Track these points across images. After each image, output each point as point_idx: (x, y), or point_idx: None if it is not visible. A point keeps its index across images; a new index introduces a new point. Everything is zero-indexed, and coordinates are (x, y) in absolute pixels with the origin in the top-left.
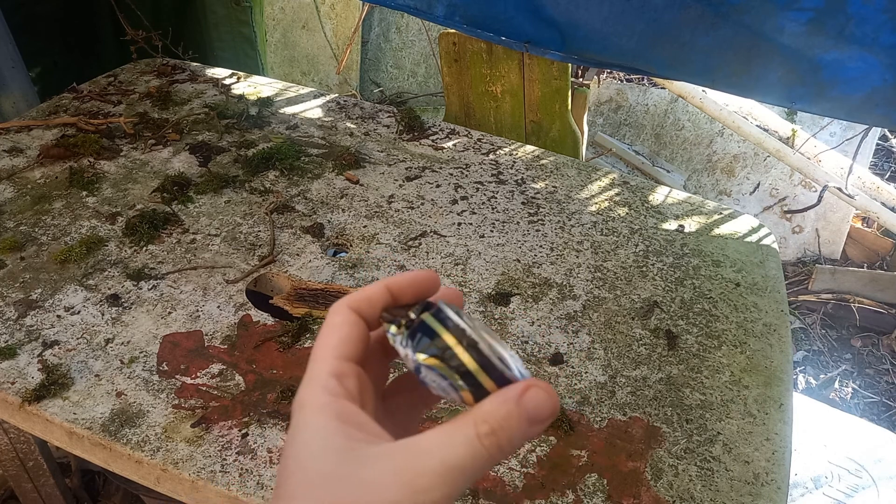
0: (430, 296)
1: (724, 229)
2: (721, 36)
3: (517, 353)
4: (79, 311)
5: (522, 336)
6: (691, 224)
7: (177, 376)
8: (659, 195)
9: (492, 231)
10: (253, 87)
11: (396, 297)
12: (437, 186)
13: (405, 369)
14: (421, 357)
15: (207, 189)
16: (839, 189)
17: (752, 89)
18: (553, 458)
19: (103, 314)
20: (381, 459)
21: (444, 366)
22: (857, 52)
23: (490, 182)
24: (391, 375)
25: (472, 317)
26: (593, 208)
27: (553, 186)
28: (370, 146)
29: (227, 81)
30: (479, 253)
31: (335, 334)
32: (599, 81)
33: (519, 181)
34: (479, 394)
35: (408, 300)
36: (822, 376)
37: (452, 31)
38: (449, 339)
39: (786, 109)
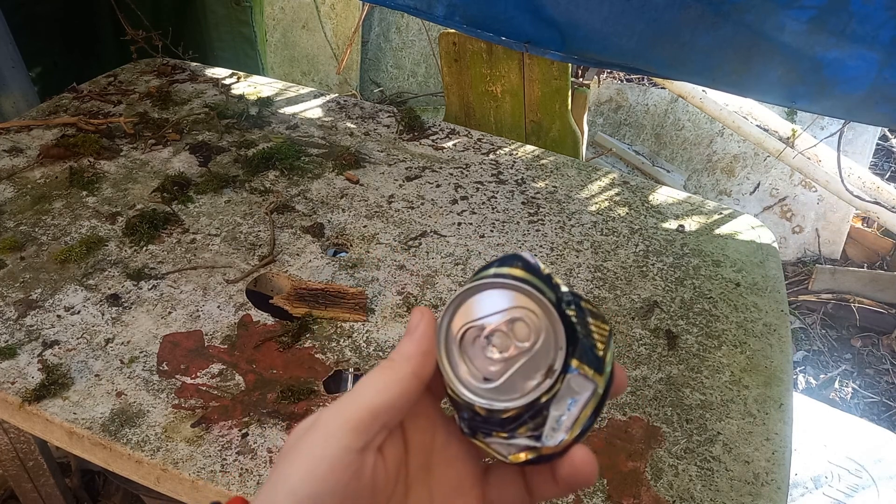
0: None
1: (724, 229)
2: (721, 35)
3: None
4: (79, 311)
5: None
6: (691, 224)
7: (177, 376)
8: (659, 195)
9: (492, 231)
10: (253, 87)
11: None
12: (437, 186)
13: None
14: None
15: (207, 189)
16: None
17: (752, 88)
18: None
19: (103, 314)
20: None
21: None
22: (859, 50)
23: (490, 182)
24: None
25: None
26: (593, 208)
27: (553, 186)
28: (370, 146)
29: (227, 81)
30: (480, 253)
31: (383, 393)
32: (599, 81)
33: (519, 181)
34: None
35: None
36: (822, 376)
37: (452, 30)
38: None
39: (786, 109)
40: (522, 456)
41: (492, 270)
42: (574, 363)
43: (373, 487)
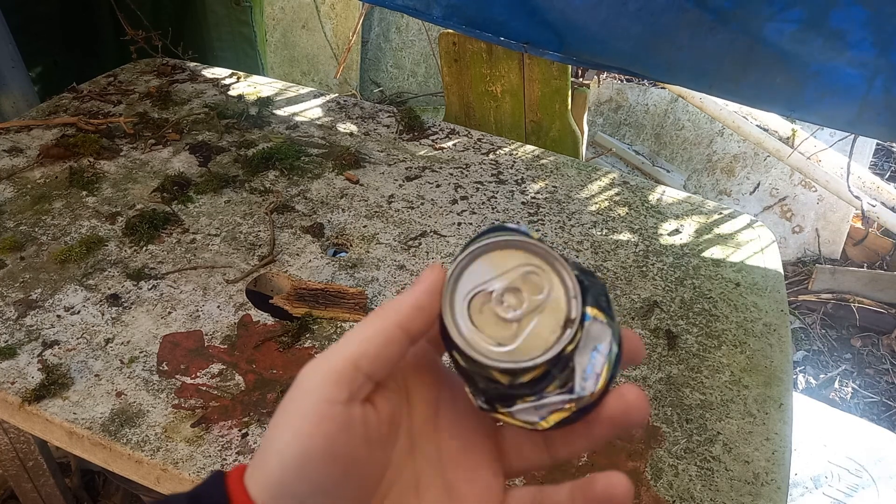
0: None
1: (724, 229)
2: (719, 41)
3: None
4: (79, 311)
5: None
6: (691, 224)
7: (177, 376)
8: (659, 195)
9: None
10: (253, 86)
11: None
12: (437, 186)
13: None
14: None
15: (207, 189)
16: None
17: (750, 97)
18: None
19: (103, 314)
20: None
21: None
22: (845, 63)
23: (490, 182)
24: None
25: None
26: (593, 208)
27: (553, 186)
28: (370, 146)
29: (227, 81)
30: None
31: (367, 343)
32: (599, 81)
33: (519, 181)
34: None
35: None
36: (822, 376)
37: (452, 31)
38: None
39: None
40: (555, 417)
41: (484, 238)
42: (589, 311)
43: (366, 438)
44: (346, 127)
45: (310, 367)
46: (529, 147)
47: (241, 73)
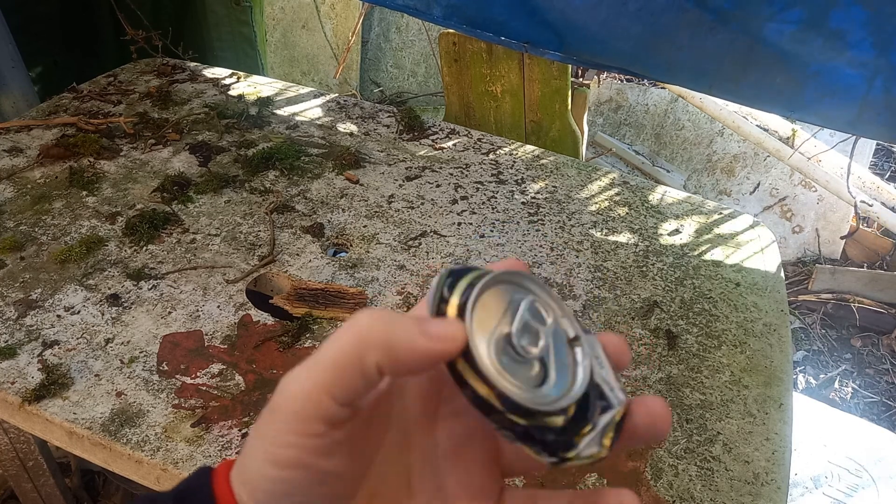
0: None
1: (723, 229)
2: (719, 41)
3: None
4: (79, 311)
5: None
6: (691, 224)
7: (177, 376)
8: (659, 195)
9: (492, 231)
10: (253, 86)
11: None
12: (437, 186)
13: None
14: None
15: (207, 189)
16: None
17: (749, 97)
18: None
19: (103, 314)
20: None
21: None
22: (845, 63)
23: (490, 182)
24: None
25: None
26: (593, 208)
27: (553, 186)
28: (370, 146)
29: (227, 81)
30: (479, 253)
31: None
32: (599, 81)
33: (519, 181)
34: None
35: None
36: (822, 376)
37: (452, 30)
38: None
39: None
40: (608, 440)
41: (462, 283)
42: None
43: (350, 452)
44: (346, 127)
45: (289, 384)
46: (529, 147)
47: (241, 73)
